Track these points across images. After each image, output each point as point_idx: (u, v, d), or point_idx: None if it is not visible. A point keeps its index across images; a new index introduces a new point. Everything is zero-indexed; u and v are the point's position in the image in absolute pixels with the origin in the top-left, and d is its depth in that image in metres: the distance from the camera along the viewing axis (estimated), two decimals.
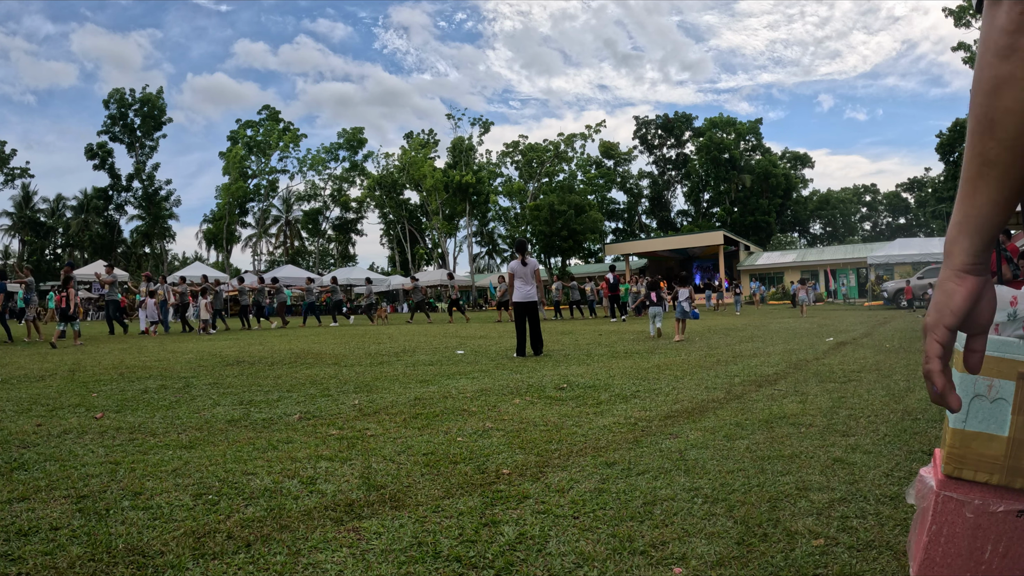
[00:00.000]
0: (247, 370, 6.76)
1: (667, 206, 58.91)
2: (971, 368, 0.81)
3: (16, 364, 7.66)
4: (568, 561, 1.85)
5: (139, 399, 4.79)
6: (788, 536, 2.01)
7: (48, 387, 5.53)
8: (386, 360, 7.69)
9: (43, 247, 47.50)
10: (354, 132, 53.39)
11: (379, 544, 1.98)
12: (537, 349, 8.10)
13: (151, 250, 49.68)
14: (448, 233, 50.56)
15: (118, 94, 46.49)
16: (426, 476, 2.69)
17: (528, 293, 8.12)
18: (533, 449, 3.12)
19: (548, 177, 52.07)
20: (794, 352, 7.69)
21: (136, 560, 1.86)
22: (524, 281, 8.13)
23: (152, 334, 14.37)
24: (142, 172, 47.43)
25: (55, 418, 4.03)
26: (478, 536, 2.03)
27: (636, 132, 58.33)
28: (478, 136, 50.57)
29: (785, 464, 2.79)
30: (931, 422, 3.60)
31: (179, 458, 2.99)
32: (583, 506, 2.29)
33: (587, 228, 41.32)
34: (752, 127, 54.64)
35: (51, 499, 2.40)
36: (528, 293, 8.12)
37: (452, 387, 5.27)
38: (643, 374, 5.89)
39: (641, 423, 3.70)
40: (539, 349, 8.10)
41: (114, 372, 6.65)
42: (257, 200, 51.56)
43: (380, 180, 51.96)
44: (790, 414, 3.87)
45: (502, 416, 3.98)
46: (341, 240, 56.83)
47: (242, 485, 2.56)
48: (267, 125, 50.42)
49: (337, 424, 3.78)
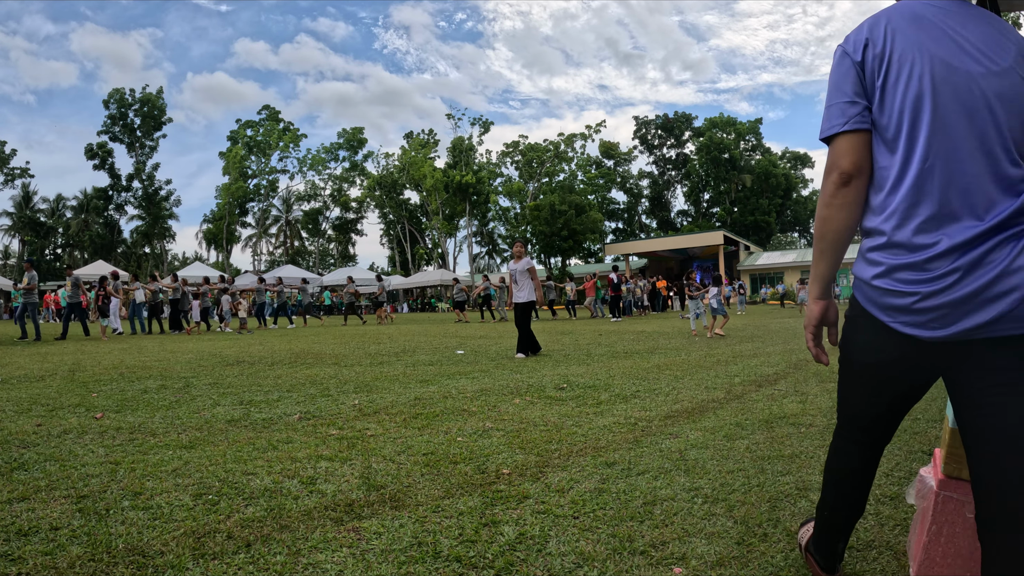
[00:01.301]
0: (247, 370, 6.77)
1: (667, 206, 58.90)
2: (832, 342, 1.50)
3: (16, 364, 7.66)
4: (568, 561, 1.85)
5: (139, 399, 4.79)
6: (788, 536, 2.01)
7: (48, 387, 5.53)
8: (386, 360, 7.69)
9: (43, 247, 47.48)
10: (354, 132, 53.41)
11: (379, 544, 1.98)
12: (524, 350, 7.97)
13: (151, 250, 49.67)
14: (448, 233, 50.57)
15: (118, 94, 46.49)
16: (426, 476, 2.69)
17: (519, 294, 8.09)
18: (533, 449, 3.12)
19: (548, 177, 52.08)
20: (794, 352, 7.69)
21: (136, 560, 1.87)
22: (517, 281, 8.11)
23: (104, 337, 13.44)
24: (142, 172, 47.42)
25: (55, 418, 4.03)
26: (478, 536, 2.03)
27: (636, 132, 58.34)
28: (478, 136, 50.64)
29: (785, 464, 2.80)
30: (931, 422, 3.60)
31: (179, 458, 2.99)
32: (583, 506, 2.29)
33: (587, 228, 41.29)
34: (752, 127, 54.63)
35: (51, 499, 2.40)
36: (519, 294, 8.09)
37: (452, 387, 5.27)
38: (643, 374, 5.89)
39: (641, 423, 3.70)
40: (526, 350, 7.98)
41: (114, 372, 6.65)
42: (257, 200, 51.60)
43: (380, 180, 51.98)
44: (790, 414, 3.87)
45: (502, 416, 3.98)
46: (341, 240, 56.84)
47: (242, 485, 2.56)
48: (267, 125, 50.43)
49: (337, 424, 3.78)
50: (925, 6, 1.28)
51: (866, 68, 1.27)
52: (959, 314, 1.16)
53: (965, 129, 1.18)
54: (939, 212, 1.18)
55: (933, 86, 1.20)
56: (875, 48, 1.26)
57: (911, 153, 1.21)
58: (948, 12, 1.26)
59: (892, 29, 1.26)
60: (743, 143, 54.20)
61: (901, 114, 1.22)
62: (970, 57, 1.20)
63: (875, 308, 1.28)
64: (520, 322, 8.03)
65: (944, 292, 1.16)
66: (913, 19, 1.26)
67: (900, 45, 1.24)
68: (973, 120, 1.18)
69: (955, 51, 1.21)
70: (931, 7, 1.28)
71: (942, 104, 1.19)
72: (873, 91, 1.26)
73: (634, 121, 58.50)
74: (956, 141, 1.18)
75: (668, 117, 57.09)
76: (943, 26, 1.24)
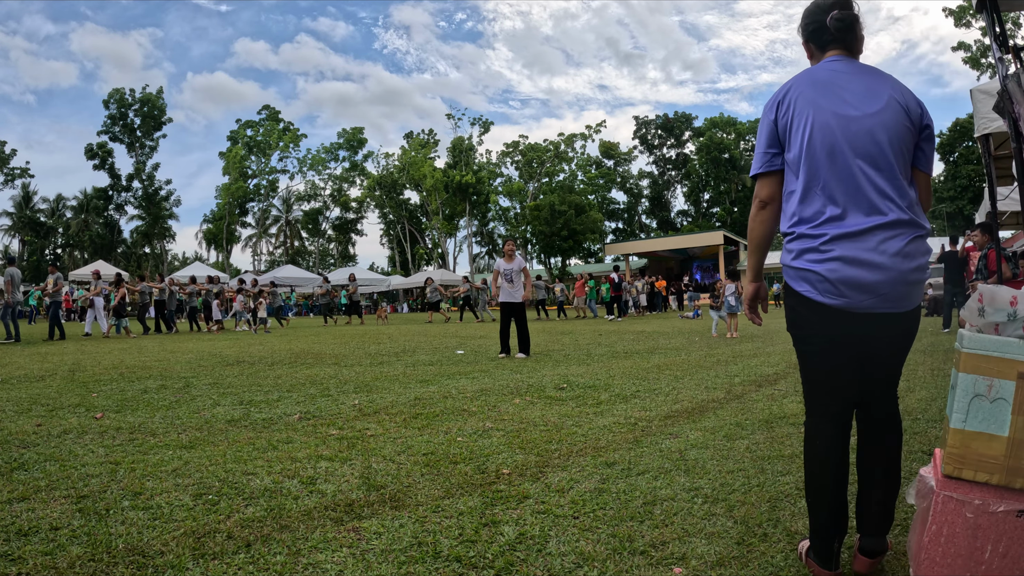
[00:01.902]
0: (247, 370, 6.77)
1: (667, 206, 58.85)
2: (764, 310, 2.02)
3: (16, 364, 7.66)
4: (568, 561, 1.85)
5: (139, 399, 4.79)
6: (788, 536, 2.01)
7: (48, 387, 5.53)
8: (386, 360, 7.69)
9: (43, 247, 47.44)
10: (354, 132, 53.39)
11: (379, 544, 1.98)
12: (524, 349, 7.99)
13: (151, 250, 49.65)
14: (448, 233, 50.56)
15: (118, 94, 46.45)
16: (426, 476, 2.69)
17: (515, 293, 8.08)
18: (533, 449, 3.12)
19: (548, 177, 52.07)
20: (794, 352, 7.68)
21: (136, 560, 1.87)
22: (512, 280, 8.10)
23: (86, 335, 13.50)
24: (142, 172, 47.37)
25: (55, 418, 4.03)
26: (478, 536, 2.03)
27: (636, 132, 58.28)
28: (478, 136, 50.62)
29: (785, 464, 2.80)
30: (931, 422, 3.60)
31: (179, 458, 2.99)
32: (583, 506, 2.29)
33: (587, 228, 41.30)
34: (752, 127, 54.57)
35: (51, 499, 2.40)
36: (515, 293, 8.08)
37: (452, 387, 5.27)
38: (643, 374, 5.89)
39: (641, 423, 3.70)
40: (527, 349, 8.00)
41: (114, 372, 6.65)
42: (257, 200, 51.56)
43: (380, 180, 51.96)
44: (790, 414, 3.87)
45: (502, 416, 3.98)
46: (341, 240, 56.82)
47: (242, 485, 2.56)
48: (267, 125, 50.41)
49: (337, 424, 3.78)
50: (823, 70, 1.79)
51: (779, 124, 1.79)
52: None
53: (843, 156, 1.70)
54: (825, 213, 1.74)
55: (816, 130, 1.72)
56: (784, 108, 1.78)
57: (803, 177, 1.74)
58: (838, 73, 1.77)
59: (797, 92, 1.77)
60: (743, 143, 54.15)
61: (800, 152, 1.73)
62: (849, 105, 1.71)
63: None
64: (519, 321, 8.04)
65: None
66: (812, 83, 1.77)
67: (800, 104, 1.75)
68: (849, 149, 1.69)
69: (838, 103, 1.72)
70: (827, 71, 1.78)
71: (819, 141, 1.70)
72: (784, 138, 1.78)
73: (634, 121, 58.45)
74: (836, 166, 1.70)
75: (668, 117, 57.04)
76: (833, 85, 1.74)
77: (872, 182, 1.65)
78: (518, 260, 8.18)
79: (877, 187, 1.66)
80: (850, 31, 1.80)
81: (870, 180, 1.65)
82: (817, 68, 1.82)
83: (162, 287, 15.86)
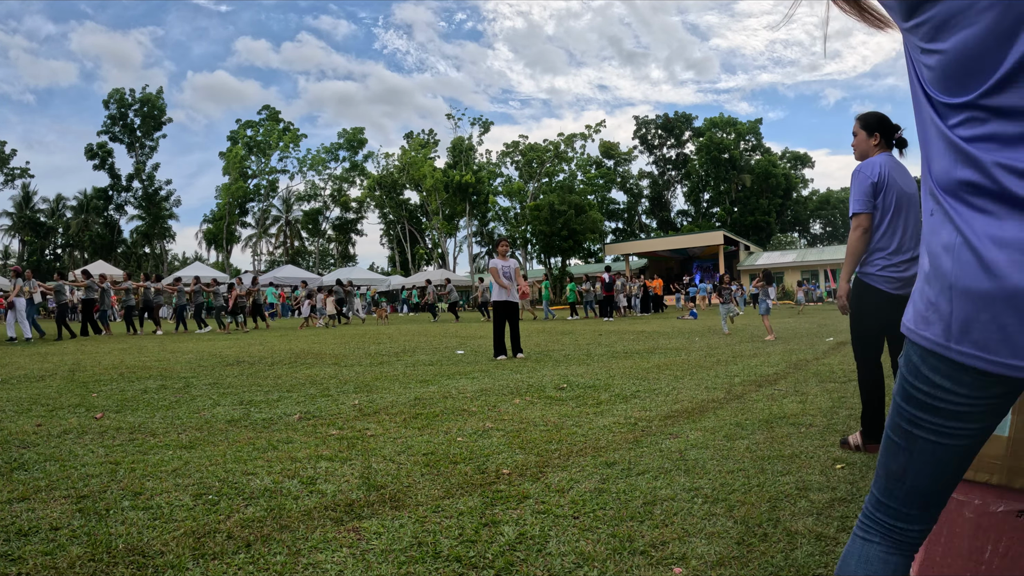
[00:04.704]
0: (247, 370, 6.76)
1: (667, 206, 58.86)
2: (843, 309, 3.22)
3: (16, 364, 7.66)
4: (568, 561, 1.85)
5: (139, 399, 4.79)
6: (788, 536, 2.01)
7: (48, 387, 5.53)
8: (386, 360, 7.69)
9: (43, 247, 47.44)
10: (354, 132, 53.39)
11: (379, 544, 1.98)
12: (519, 348, 7.99)
13: (151, 250, 49.65)
14: (448, 233, 50.55)
15: (118, 94, 46.44)
16: (426, 476, 2.69)
17: (511, 293, 8.07)
18: (533, 449, 3.12)
19: (548, 177, 52.05)
20: (794, 352, 7.69)
21: (136, 560, 1.86)
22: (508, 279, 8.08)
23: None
24: (142, 172, 47.37)
25: (55, 418, 4.03)
26: (478, 536, 2.03)
27: (636, 132, 58.28)
28: (478, 136, 50.61)
29: (785, 464, 2.80)
30: None
31: (179, 458, 2.99)
32: (583, 506, 2.29)
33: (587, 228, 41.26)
34: (752, 127, 54.60)
35: (51, 499, 2.40)
36: (511, 293, 8.07)
37: (452, 387, 5.27)
38: (643, 374, 5.89)
39: (641, 423, 3.70)
40: (520, 348, 8.00)
41: (114, 372, 6.65)
42: (257, 200, 51.53)
43: (380, 180, 51.94)
44: (790, 414, 3.87)
45: (502, 416, 3.98)
46: (341, 240, 56.81)
47: (242, 485, 2.56)
48: (267, 125, 50.39)
49: (337, 424, 3.78)
50: (890, 158, 2.98)
51: (877, 185, 2.92)
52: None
53: (909, 212, 2.96)
54: (899, 246, 2.96)
55: (899, 194, 2.93)
56: (881, 175, 2.93)
57: (888, 220, 2.94)
58: (896, 160, 3.01)
59: (887, 168, 2.93)
60: (743, 143, 54.15)
61: (886, 205, 2.92)
62: (908, 182, 2.96)
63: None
64: (513, 322, 8.02)
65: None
66: (891, 164, 2.96)
67: (888, 176, 2.92)
68: (911, 208, 2.96)
69: (906, 179, 2.97)
70: (891, 159, 2.98)
71: (898, 201, 2.92)
72: (878, 194, 2.92)
73: (634, 121, 58.46)
74: (906, 217, 2.94)
75: (668, 117, 57.03)
76: (899, 168, 2.98)
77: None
78: (512, 260, 8.19)
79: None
80: None
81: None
82: (887, 155, 3.02)
83: (86, 284, 13.98)
